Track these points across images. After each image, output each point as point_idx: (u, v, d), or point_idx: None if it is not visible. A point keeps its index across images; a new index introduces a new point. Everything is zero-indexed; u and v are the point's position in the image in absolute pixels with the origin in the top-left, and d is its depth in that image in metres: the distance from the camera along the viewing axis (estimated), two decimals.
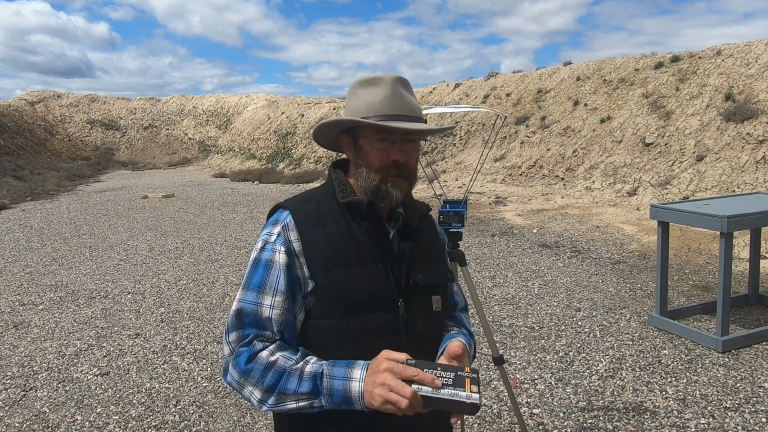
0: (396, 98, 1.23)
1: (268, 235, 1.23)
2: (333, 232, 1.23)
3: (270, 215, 1.31)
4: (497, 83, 19.00)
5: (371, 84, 1.26)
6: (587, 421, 3.14)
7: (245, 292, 1.21)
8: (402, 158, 1.24)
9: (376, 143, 1.23)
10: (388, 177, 1.24)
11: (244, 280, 1.23)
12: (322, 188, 1.33)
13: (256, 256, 1.22)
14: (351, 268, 1.21)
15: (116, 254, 7.97)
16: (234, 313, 1.20)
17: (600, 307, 5.02)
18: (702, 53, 12.65)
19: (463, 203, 2.57)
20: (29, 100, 32.19)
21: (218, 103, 36.12)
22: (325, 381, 1.08)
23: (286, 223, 1.23)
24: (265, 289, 1.19)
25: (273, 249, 1.21)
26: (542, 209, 10.33)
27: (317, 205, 1.27)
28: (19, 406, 3.57)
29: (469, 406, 1.02)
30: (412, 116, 1.24)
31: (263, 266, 1.20)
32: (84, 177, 22.72)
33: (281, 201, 1.32)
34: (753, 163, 8.87)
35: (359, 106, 1.25)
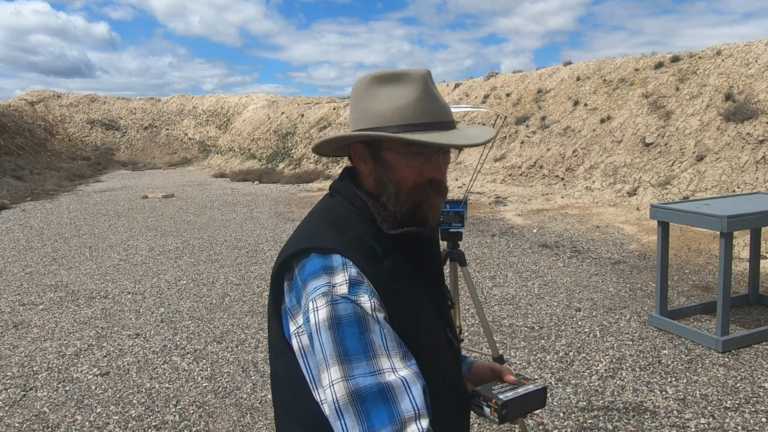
0: (430, 101, 1.00)
1: (329, 287, 0.91)
2: (391, 268, 0.99)
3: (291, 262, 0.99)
4: (497, 83, 19.00)
5: (395, 81, 1.01)
6: (587, 421, 3.14)
7: (347, 366, 0.86)
8: (440, 175, 1.03)
9: (410, 159, 1.00)
10: (424, 197, 1.02)
11: (330, 352, 0.87)
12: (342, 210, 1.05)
13: (331, 315, 0.89)
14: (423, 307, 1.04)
15: (116, 254, 7.97)
16: (349, 400, 0.84)
17: (600, 307, 5.02)
18: (702, 53, 12.65)
19: (463, 203, 2.57)
20: (29, 100, 32.19)
21: (218, 103, 36.12)
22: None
23: (355, 270, 0.94)
24: (373, 350, 0.88)
25: (354, 300, 0.90)
26: (542, 209, 10.33)
27: (357, 236, 1.00)
28: (19, 406, 3.57)
29: (541, 391, 1.10)
30: (449, 122, 1.03)
31: (351, 323, 0.89)
32: (84, 177, 22.71)
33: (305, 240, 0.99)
34: (753, 163, 8.87)
35: (383, 110, 1.00)
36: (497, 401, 1.05)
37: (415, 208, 1.02)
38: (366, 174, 1.06)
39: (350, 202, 1.05)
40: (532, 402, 1.10)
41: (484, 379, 1.19)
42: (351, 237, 0.99)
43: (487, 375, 1.19)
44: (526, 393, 1.08)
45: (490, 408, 1.05)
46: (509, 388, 1.09)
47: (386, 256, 1.00)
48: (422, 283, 1.06)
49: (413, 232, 1.03)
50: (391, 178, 1.02)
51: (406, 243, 1.03)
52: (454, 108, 5.98)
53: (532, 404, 1.10)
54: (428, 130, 0.98)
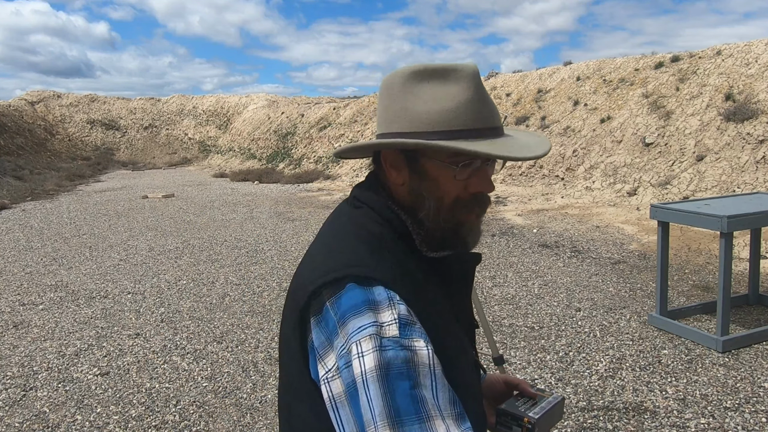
0: (481, 104, 0.86)
1: (376, 327, 0.75)
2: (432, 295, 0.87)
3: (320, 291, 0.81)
4: (497, 83, 19.00)
5: (441, 78, 0.86)
6: (587, 421, 3.14)
7: (398, 429, 0.71)
8: (489, 188, 0.90)
9: (459, 171, 0.86)
10: (467, 215, 0.89)
11: (379, 410, 0.71)
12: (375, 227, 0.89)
13: (377, 364, 0.73)
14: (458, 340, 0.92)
15: (116, 254, 7.97)
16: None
17: (600, 307, 5.02)
18: (702, 53, 12.65)
19: None
20: (29, 100, 32.20)
21: (218, 103, 36.13)
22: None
23: (404, 306, 0.79)
24: (427, 409, 0.72)
25: (403, 345, 0.75)
26: (542, 209, 10.33)
27: (400, 264, 0.85)
28: (19, 406, 3.57)
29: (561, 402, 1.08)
30: (499, 128, 0.90)
31: (402, 375, 0.73)
32: (84, 177, 22.71)
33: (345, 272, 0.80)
34: (753, 163, 8.87)
35: (428, 112, 0.85)
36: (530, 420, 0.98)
37: (457, 228, 0.89)
38: (398, 183, 0.91)
39: (384, 218, 0.89)
40: (556, 415, 1.07)
41: (498, 392, 1.11)
42: (391, 263, 0.83)
43: (502, 388, 1.10)
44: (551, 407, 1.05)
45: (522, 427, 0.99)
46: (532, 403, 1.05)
47: (426, 281, 0.87)
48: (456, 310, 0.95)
49: (459, 257, 0.91)
50: (431, 192, 0.88)
51: (446, 267, 0.91)
52: None
53: (555, 417, 1.07)
54: (478, 137, 0.85)
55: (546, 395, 1.07)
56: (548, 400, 1.06)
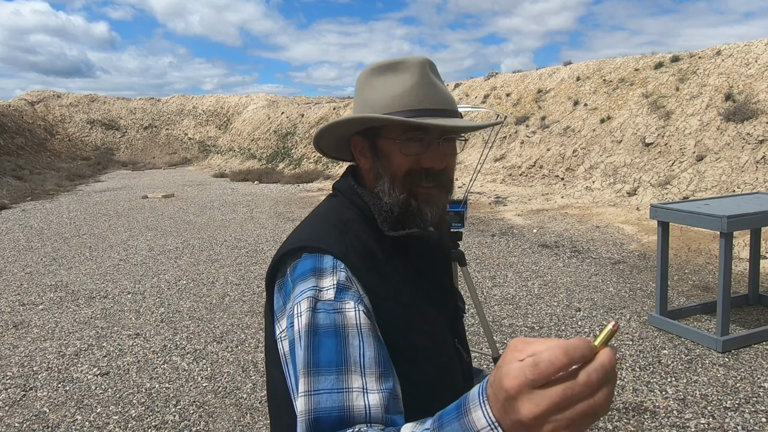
0: (428, 87, 0.96)
1: (315, 291, 0.85)
2: (391, 273, 0.94)
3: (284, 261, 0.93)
4: (497, 83, 19.00)
5: (393, 70, 0.97)
6: None
7: (315, 379, 0.79)
8: (439, 164, 0.97)
9: (404, 145, 0.95)
10: (419, 188, 0.96)
11: (304, 362, 0.81)
12: (343, 210, 1.00)
13: (310, 321, 0.82)
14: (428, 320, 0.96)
15: (116, 254, 7.97)
16: (306, 417, 0.78)
17: (600, 307, 5.02)
18: (702, 53, 12.65)
19: (463, 203, 2.57)
20: (29, 100, 32.20)
21: (218, 103, 36.13)
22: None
23: (345, 274, 0.88)
24: (347, 365, 0.80)
25: (335, 308, 0.84)
26: (542, 209, 10.33)
27: (357, 239, 0.94)
28: (19, 406, 3.57)
29: None
30: (449, 110, 0.98)
31: (330, 334, 0.82)
32: (84, 177, 22.71)
33: (300, 238, 0.93)
34: (753, 163, 8.87)
35: (380, 99, 0.97)
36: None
37: (410, 200, 0.96)
38: (366, 170, 1.02)
39: (352, 202, 1.00)
40: None
41: None
42: (351, 240, 0.93)
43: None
44: None
45: None
46: None
47: (388, 261, 0.94)
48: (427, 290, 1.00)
49: (416, 235, 0.97)
50: (386, 168, 0.97)
51: (408, 246, 0.98)
52: None
53: None
54: (426, 116, 0.93)
55: None
56: None
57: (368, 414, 0.77)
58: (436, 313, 1.00)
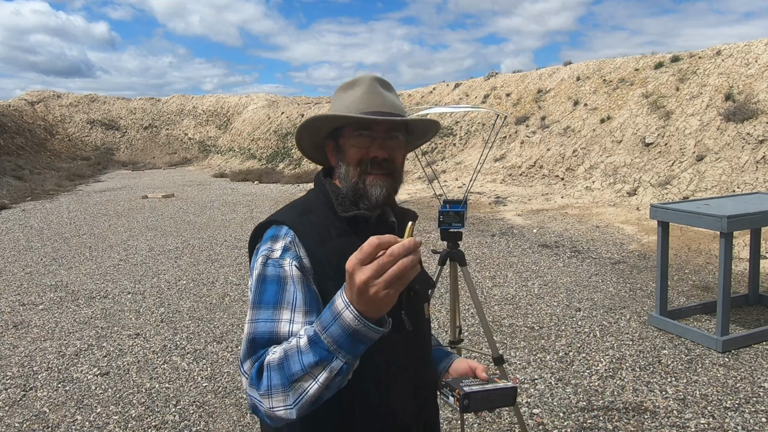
0: (374, 96, 1.20)
1: (269, 251, 1.13)
2: (340, 247, 1.14)
3: (259, 232, 1.21)
4: (497, 83, 19.00)
5: (350, 86, 1.24)
6: (587, 421, 3.14)
7: (257, 311, 1.08)
8: (382, 154, 1.20)
9: (355, 140, 1.20)
10: (367, 174, 1.20)
11: (253, 300, 1.10)
12: (313, 198, 1.27)
13: (260, 272, 1.11)
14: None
15: (116, 254, 7.97)
16: (247, 337, 1.07)
17: (600, 307, 5.02)
18: (702, 53, 12.65)
19: (463, 203, 2.57)
20: (29, 100, 32.20)
21: (218, 103, 36.13)
22: (323, 338, 0.92)
23: (291, 239, 1.14)
24: (281, 303, 1.07)
25: (279, 264, 1.10)
26: (542, 209, 10.33)
27: (317, 218, 1.20)
28: (19, 406, 3.57)
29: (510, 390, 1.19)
30: (393, 113, 1.21)
31: (273, 281, 1.09)
32: (84, 177, 22.72)
33: (272, 216, 1.22)
34: (753, 163, 8.87)
35: (338, 108, 1.23)
36: (460, 391, 1.14)
37: (358, 182, 1.20)
38: (335, 165, 1.26)
39: (320, 191, 1.27)
40: (499, 399, 1.18)
41: (462, 372, 1.28)
42: (311, 218, 1.20)
43: (465, 370, 1.28)
44: (493, 389, 1.17)
45: (454, 397, 1.14)
46: (478, 383, 1.19)
47: (339, 237, 1.18)
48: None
49: (362, 215, 1.19)
50: (344, 159, 1.22)
51: (359, 226, 1.20)
52: (455, 108, 5.94)
53: (498, 401, 1.18)
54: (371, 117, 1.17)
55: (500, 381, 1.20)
56: (494, 384, 1.19)
57: (290, 336, 1.04)
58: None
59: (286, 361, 0.95)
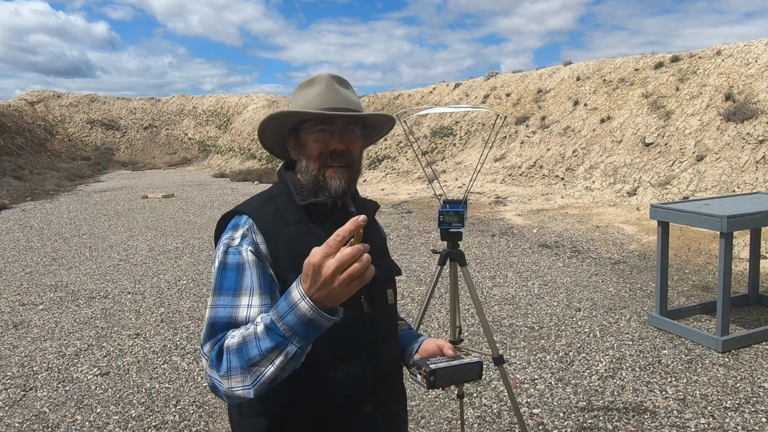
0: (331, 92, 1.27)
1: (230, 239, 1.21)
2: (296, 232, 1.24)
3: (223, 222, 1.28)
4: (497, 83, 19.00)
5: (308, 84, 1.30)
6: (587, 421, 3.14)
7: (217, 297, 1.17)
8: (341, 146, 1.26)
9: (314, 134, 1.26)
10: (327, 167, 1.27)
11: (214, 286, 1.19)
12: (276, 189, 1.35)
13: (221, 260, 1.19)
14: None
15: (116, 254, 7.97)
16: (207, 321, 1.15)
17: (600, 307, 5.02)
18: (702, 53, 12.65)
19: (463, 203, 2.57)
20: (29, 100, 32.20)
21: (218, 103, 36.13)
22: (279, 325, 0.99)
23: (249, 227, 1.22)
24: (239, 290, 1.16)
25: (238, 251, 1.18)
26: (542, 209, 10.33)
27: (276, 206, 1.28)
28: (19, 406, 3.57)
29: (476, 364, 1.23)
30: (350, 109, 1.27)
31: (233, 269, 1.17)
32: (84, 177, 22.72)
33: (236, 207, 1.30)
34: (753, 163, 8.87)
35: (299, 106, 1.28)
36: (426, 368, 1.18)
37: (318, 174, 1.27)
38: (296, 159, 1.34)
39: (282, 182, 1.35)
40: (465, 373, 1.22)
41: (431, 352, 1.33)
42: (270, 207, 1.28)
43: (434, 350, 1.32)
44: (459, 365, 1.21)
45: (421, 375, 1.19)
46: (444, 360, 1.23)
47: (295, 224, 1.26)
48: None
49: (318, 203, 1.27)
50: (305, 153, 1.29)
51: (316, 214, 1.28)
52: (455, 108, 5.94)
53: (464, 375, 1.23)
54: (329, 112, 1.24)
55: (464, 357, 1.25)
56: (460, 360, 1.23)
57: (248, 321, 1.11)
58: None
59: (245, 346, 1.03)
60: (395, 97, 23.74)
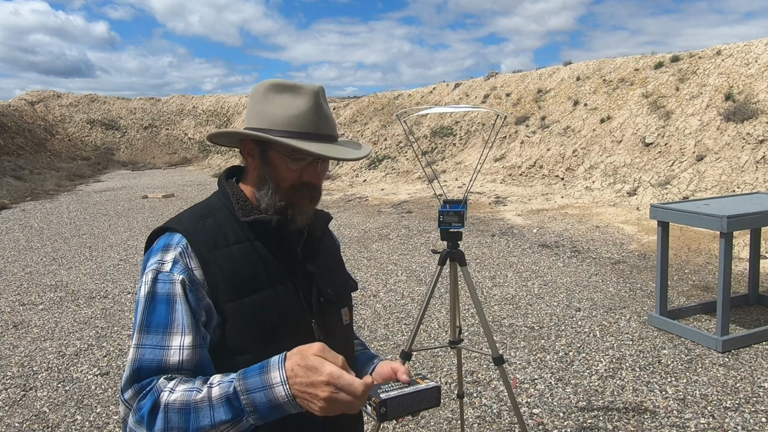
0: (320, 115, 1.13)
1: (159, 264, 1.05)
2: (237, 254, 1.10)
3: (151, 240, 1.13)
4: (497, 83, 19.00)
5: (290, 92, 1.13)
6: (587, 421, 3.14)
7: (143, 336, 1.01)
8: (317, 181, 1.15)
9: (291, 162, 1.12)
10: (298, 199, 1.14)
11: (139, 322, 1.03)
12: (215, 201, 1.20)
13: (149, 290, 1.03)
14: (261, 292, 1.10)
15: (116, 254, 7.97)
16: (131, 363, 1.00)
17: (600, 307, 5.02)
18: (702, 53, 12.65)
19: (463, 203, 2.57)
20: (29, 100, 32.20)
21: (218, 103, 36.14)
22: (243, 399, 0.90)
23: (182, 249, 1.07)
24: (170, 327, 1.01)
25: (170, 279, 1.03)
26: (542, 209, 10.33)
27: (215, 222, 1.13)
28: (19, 406, 3.57)
29: (432, 390, 1.09)
30: (332, 136, 1.16)
31: (163, 301, 1.02)
32: (84, 177, 22.71)
33: (168, 222, 1.15)
34: (753, 163, 8.87)
35: (275, 116, 1.11)
36: (376, 399, 1.05)
37: (288, 208, 1.14)
38: (252, 168, 1.19)
39: (222, 194, 1.20)
40: (421, 401, 1.10)
41: (386, 376, 1.19)
42: (208, 223, 1.13)
43: (389, 374, 1.18)
44: (413, 392, 1.08)
45: (371, 406, 1.05)
46: (397, 387, 1.10)
47: (236, 243, 1.12)
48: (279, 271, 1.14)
49: (262, 219, 1.13)
50: (273, 176, 1.14)
51: (261, 231, 1.14)
52: (455, 108, 5.93)
53: (420, 403, 1.10)
54: (313, 140, 1.10)
55: (422, 382, 1.12)
56: (414, 386, 1.10)
57: (180, 367, 1.00)
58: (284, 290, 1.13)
59: (195, 412, 0.92)
60: (395, 97, 23.74)
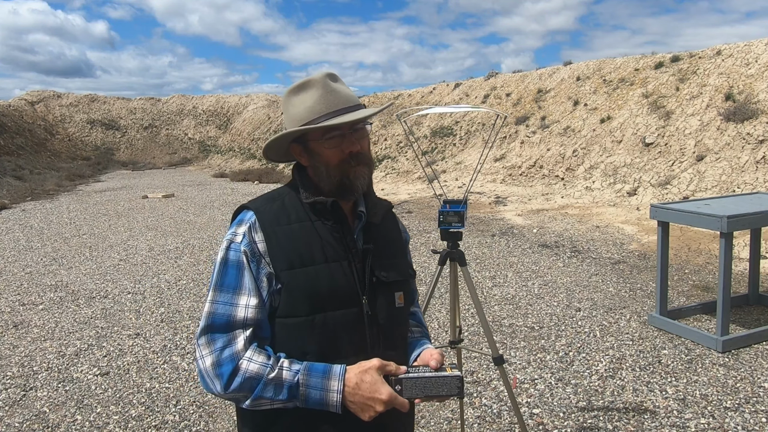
0: (331, 94, 1.26)
1: (233, 235, 1.25)
2: (297, 231, 1.26)
3: (235, 216, 1.33)
4: (497, 83, 19.00)
5: (303, 89, 1.28)
6: (587, 421, 3.14)
7: (217, 293, 1.23)
8: (356, 148, 1.27)
9: (326, 143, 1.26)
10: (349, 169, 1.27)
11: (215, 281, 1.24)
12: (286, 188, 1.36)
13: (223, 256, 1.24)
14: (315, 266, 1.24)
15: (116, 254, 7.97)
16: (206, 316, 1.24)
17: (600, 307, 5.02)
18: (702, 53, 12.65)
19: (463, 203, 2.57)
20: (29, 100, 32.21)
21: (218, 103, 36.14)
22: (301, 390, 1.13)
23: (251, 224, 1.25)
24: (239, 288, 1.21)
25: (240, 249, 1.22)
26: (542, 209, 10.33)
27: (282, 204, 1.30)
28: (19, 406, 3.57)
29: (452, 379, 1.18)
30: (352, 106, 1.27)
31: (233, 266, 1.22)
32: (84, 177, 22.71)
33: (244, 204, 1.33)
34: (753, 163, 8.87)
35: (299, 113, 1.27)
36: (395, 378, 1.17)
37: (343, 179, 1.26)
38: (308, 166, 1.33)
39: (289, 184, 1.37)
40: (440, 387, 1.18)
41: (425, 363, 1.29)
42: (276, 205, 1.30)
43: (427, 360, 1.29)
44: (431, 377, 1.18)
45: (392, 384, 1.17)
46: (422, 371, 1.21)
47: (297, 221, 1.27)
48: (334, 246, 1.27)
49: (319, 201, 1.27)
50: (321, 161, 1.28)
51: (321, 214, 1.28)
52: (455, 108, 5.92)
53: (439, 389, 1.18)
54: (332, 117, 1.24)
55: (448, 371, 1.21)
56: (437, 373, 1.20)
57: (245, 322, 1.20)
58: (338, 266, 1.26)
59: (263, 385, 1.15)
60: (395, 96, 23.73)
